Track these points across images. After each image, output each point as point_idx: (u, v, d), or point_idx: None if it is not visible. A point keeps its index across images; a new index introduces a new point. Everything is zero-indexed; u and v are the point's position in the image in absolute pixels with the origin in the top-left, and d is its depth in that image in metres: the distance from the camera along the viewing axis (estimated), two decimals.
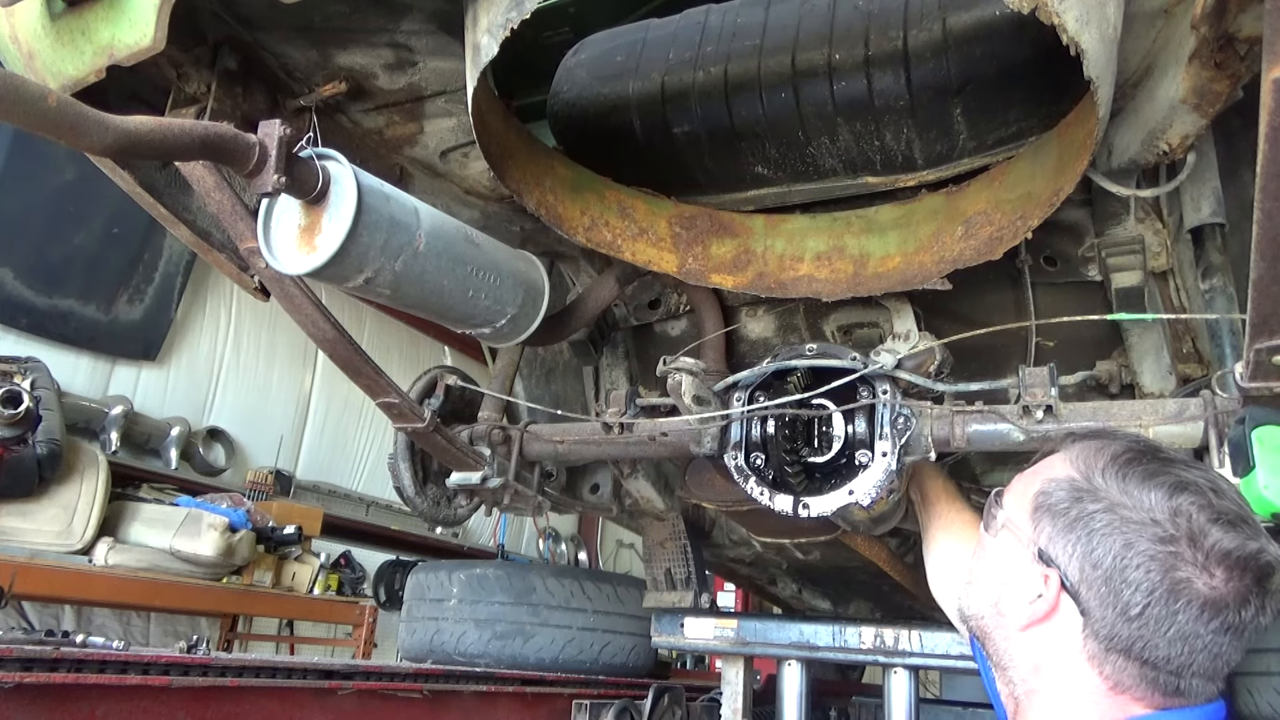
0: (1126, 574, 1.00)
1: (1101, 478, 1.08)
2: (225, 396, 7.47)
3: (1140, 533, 1.02)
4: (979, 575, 1.22)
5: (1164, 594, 0.99)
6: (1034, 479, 1.17)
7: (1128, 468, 1.08)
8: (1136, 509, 1.04)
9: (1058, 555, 1.06)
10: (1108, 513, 1.05)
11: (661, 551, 3.35)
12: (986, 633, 1.18)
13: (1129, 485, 1.06)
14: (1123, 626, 1.01)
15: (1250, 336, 1.31)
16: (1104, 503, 1.06)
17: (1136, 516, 1.03)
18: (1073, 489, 1.09)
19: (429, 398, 2.62)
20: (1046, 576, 1.06)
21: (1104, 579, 1.02)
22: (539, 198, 2.19)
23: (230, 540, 5.21)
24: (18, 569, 4.02)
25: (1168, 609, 0.99)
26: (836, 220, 2.36)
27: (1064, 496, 1.09)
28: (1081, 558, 1.04)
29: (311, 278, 1.69)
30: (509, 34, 1.55)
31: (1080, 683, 1.05)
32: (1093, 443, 1.14)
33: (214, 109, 1.83)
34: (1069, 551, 1.05)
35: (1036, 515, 1.11)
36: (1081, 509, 1.07)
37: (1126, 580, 1.00)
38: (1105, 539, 1.03)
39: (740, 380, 2.21)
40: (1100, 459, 1.10)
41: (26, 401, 4.57)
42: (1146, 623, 1.00)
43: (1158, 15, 1.67)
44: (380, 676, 2.95)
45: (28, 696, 2.06)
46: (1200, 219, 1.97)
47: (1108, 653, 1.02)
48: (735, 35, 2.26)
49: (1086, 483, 1.09)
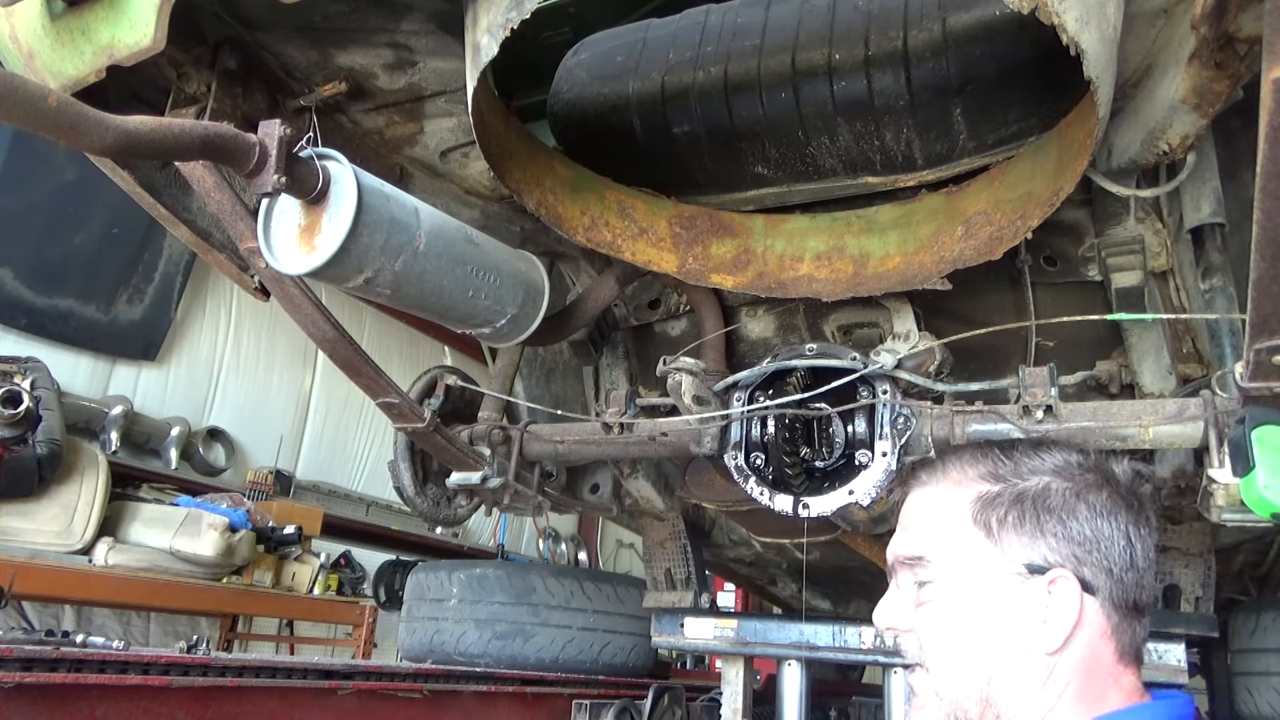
0: (1101, 529, 0.97)
1: (1009, 474, 1.03)
2: (225, 396, 7.46)
3: (1081, 486, 1.00)
4: (955, 649, 1.00)
5: (1131, 527, 0.99)
6: (938, 521, 1.04)
7: (1006, 452, 1.05)
8: (1053, 471, 1.01)
9: (1046, 556, 0.97)
10: (1048, 490, 1.00)
11: (661, 551, 3.35)
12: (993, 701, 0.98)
13: (1026, 462, 1.03)
14: (1127, 581, 0.98)
15: (1250, 336, 1.31)
16: (1035, 483, 1.01)
17: (1063, 477, 1.01)
18: (1004, 490, 1.01)
19: (429, 398, 2.62)
20: (1055, 580, 0.96)
21: (1092, 546, 0.97)
22: (539, 198, 2.19)
23: (230, 540, 5.20)
24: (18, 569, 4.01)
25: (1141, 541, 0.99)
26: (836, 220, 2.36)
27: (1004, 501, 1.00)
28: (1065, 542, 0.97)
29: (311, 278, 1.69)
30: (509, 34, 1.55)
31: (1104, 670, 0.97)
32: (952, 461, 1.08)
33: (214, 109, 1.83)
34: (1052, 545, 0.97)
35: (996, 535, 0.99)
36: (1030, 500, 0.99)
37: (1100, 533, 0.97)
38: (1069, 511, 0.98)
39: (740, 380, 2.21)
40: (980, 462, 1.05)
41: (26, 401, 4.57)
42: (1137, 564, 0.98)
43: (1158, 15, 1.67)
44: (380, 676, 2.95)
45: (28, 696, 2.06)
46: (1200, 219, 1.97)
47: (1120, 619, 0.97)
48: (735, 35, 2.26)
49: (1004, 482, 1.02)
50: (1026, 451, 1.04)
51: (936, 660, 1.01)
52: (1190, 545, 2.59)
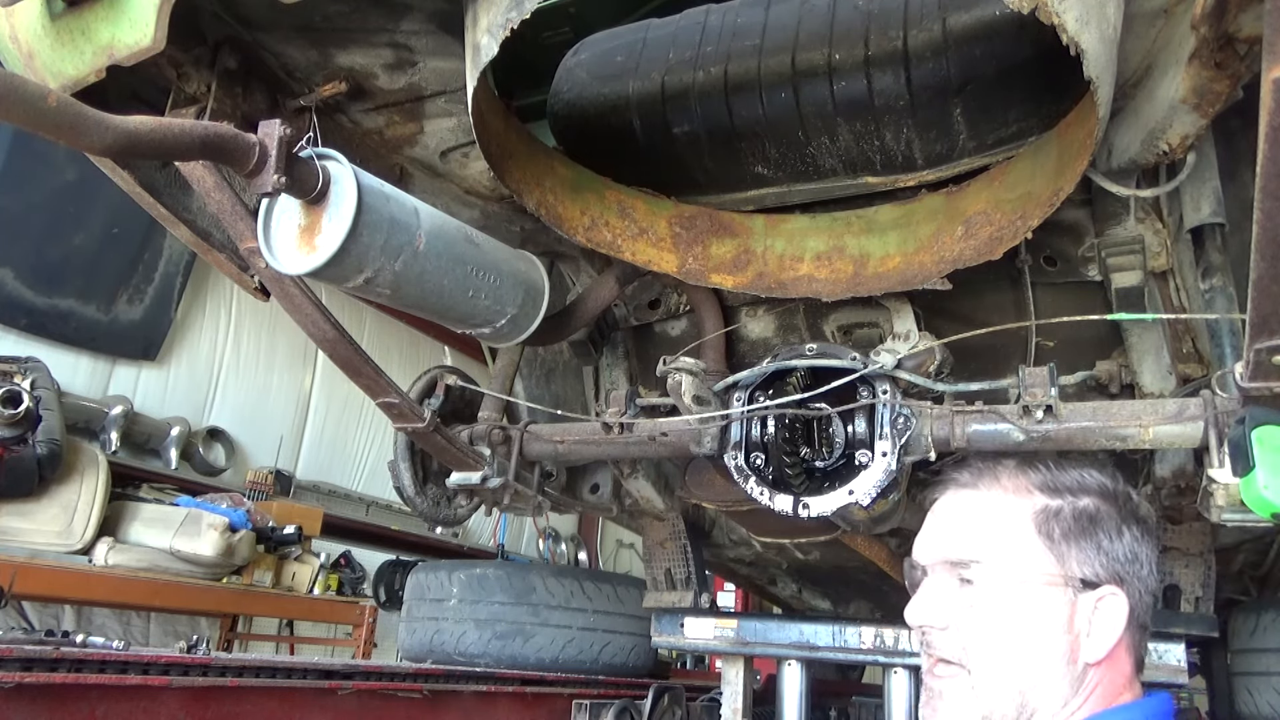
0: (1139, 553, 1.05)
1: (1066, 490, 1.08)
2: (225, 396, 7.47)
3: (1125, 512, 1.07)
4: (1002, 652, 1.03)
5: (1153, 553, 1.07)
6: (997, 526, 1.08)
7: (1057, 466, 1.11)
8: (1099, 493, 1.08)
9: (1098, 573, 1.03)
10: (1099, 510, 1.06)
11: (661, 551, 3.35)
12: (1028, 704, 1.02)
13: (1076, 478, 1.09)
14: (1147, 602, 1.06)
15: (1250, 336, 1.31)
16: (1088, 502, 1.07)
17: (1108, 500, 1.07)
18: (1065, 506, 1.07)
19: (429, 398, 2.62)
20: (1102, 598, 1.02)
21: (1132, 567, 1.04)
22: (539, 198, 2.19)
23: (230, 540, 5.21)
24: (18, 569, 4.01)
25: (1157, 566, 1.09)
26: (836, 220, 2.36)
27: (1066, 516, 1.06)
28: (1113, 561, 1.04)
29: (311, 278, 1.69)
30: (509, 34, 1.55)
31: (1124, 679, 1.05)
32: (1003, 469, 1.13)
33: (214, 109, 1.83)
34: (1103, 563, 1.04)
35: (1059, 547, 1.04)
36: (1087, 518, 1.06)
37: (1138, 556, 1.05)
38: (1111, 531, 1.05)
39: (740, 380, 2.21)
40: (1032, 473, 1.11)
41: (26, 401, 4.57)
42: (1153, 588, 1.06)
43: (1158, 15, 1.67)
44: (380, 676, 2.95)
45: (28, 696, 2.06)
46: (1200, 219, 1.97)
47: (1138, 634, 1.06)
48: (735, 35, 2.26)
49: (1062, 496, 1.08)
50: (1068, 467, 1.11)
51: (980, 661, 1.03)
52: (1190, 545, 2.59)
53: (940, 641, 1.07)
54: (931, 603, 1.09)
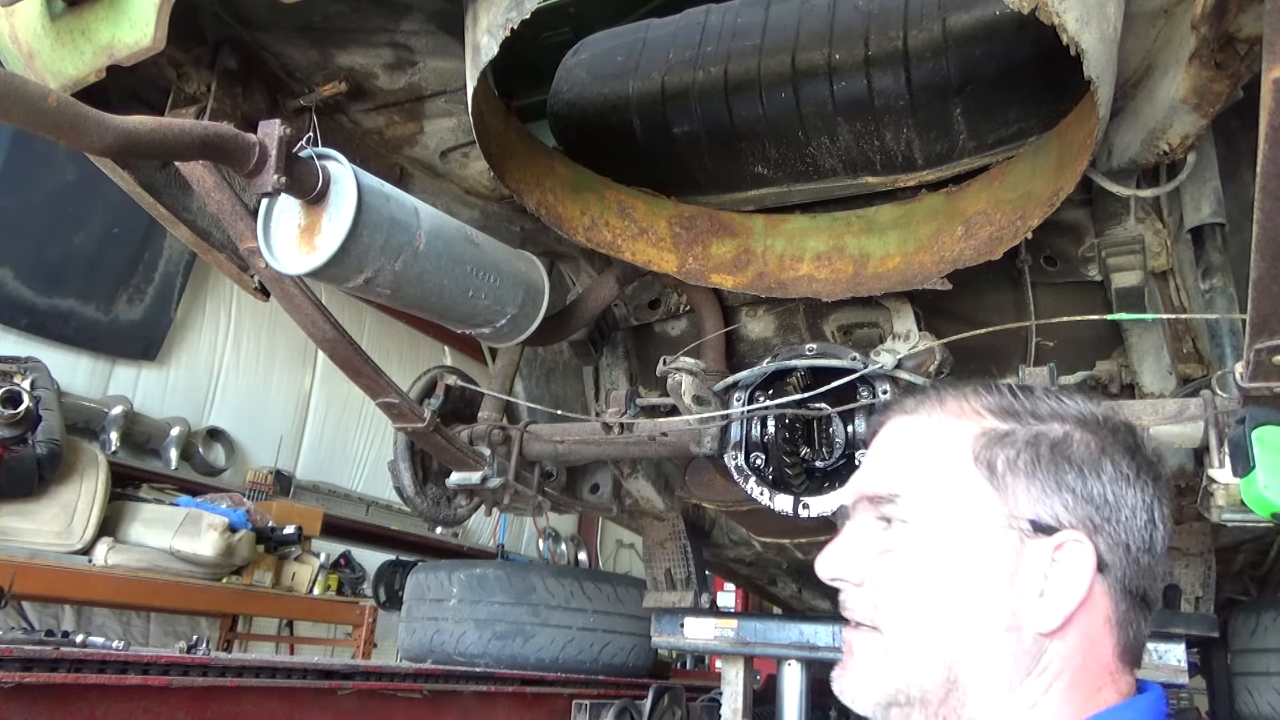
0: (1125, 496, 0.79)
1: (1026, 412, 0.83)
2: (225, 396, 7.46)
3: (1108, 443, 0.82)
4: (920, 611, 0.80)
5: (1157, 505, 0.81)
6: (925, 454, 0.84)
7: (1021, 389, 0.87)
8: (1076, 420, 0.83)
9: (1059, 515, 0.78)
10: (1069, 438, 0.81)
11: (661, 551, 3.35)
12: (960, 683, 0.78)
13: (1045, 402, 0.85)
14: (1143, 565, 0.80)
15: (1250, 336, 1.31)
16: (1056, 428, 0.82)
17: (1088, 428, 0.82)
18: (1017, 429, 0.82)
19: (429, 398, 2.62)
20: (1063, 544, 0.77)
21: (1113, 514, 0.78)
22: (539, 198, 2.19)
23: (230, 540, 5.20)
24: (18, 569, 4.01)
25: (1164, 524, 0.81)
26: (836, 220, 2.36)
27: (1016, 440, 0.81)
28: (1083, 502, 0.78)
29: (311, 278, 1.69)
30: (509, 34, 1.55)
31: (1101, 667, 0.78)
32: (951, 391, 0.89)
33: (214, 109, 1.83)
34: (1067, 503, 0.78)
35: (1001, 479, 0.80)
36: (1048, 445, 0.80)
37: (1124, 502, 0.79)
38: (1085, 465, 0.79)
39: (740, 380, 2.21)
40: (987, 395, 0.86)
41: (26, 401, 4.57)
42: (1155, 549, 0.80)
43: (1158, 15, 1.67)
44: (380, 676, 2.95)
45: (28, 696, 2.06)
46: (1200, 219, 1.97)
47: (1128, 608, 0.79)
48: (735, 35, 2.26)
49: (1018, 420, 0.83)
50: (1045, 392, 0.86)
51: (894, 621, 0.81)
52: (1190, 545, 2.59)
53: (854, 598, 0.86)
54: (845, 549, 0.87)
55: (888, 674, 0.80)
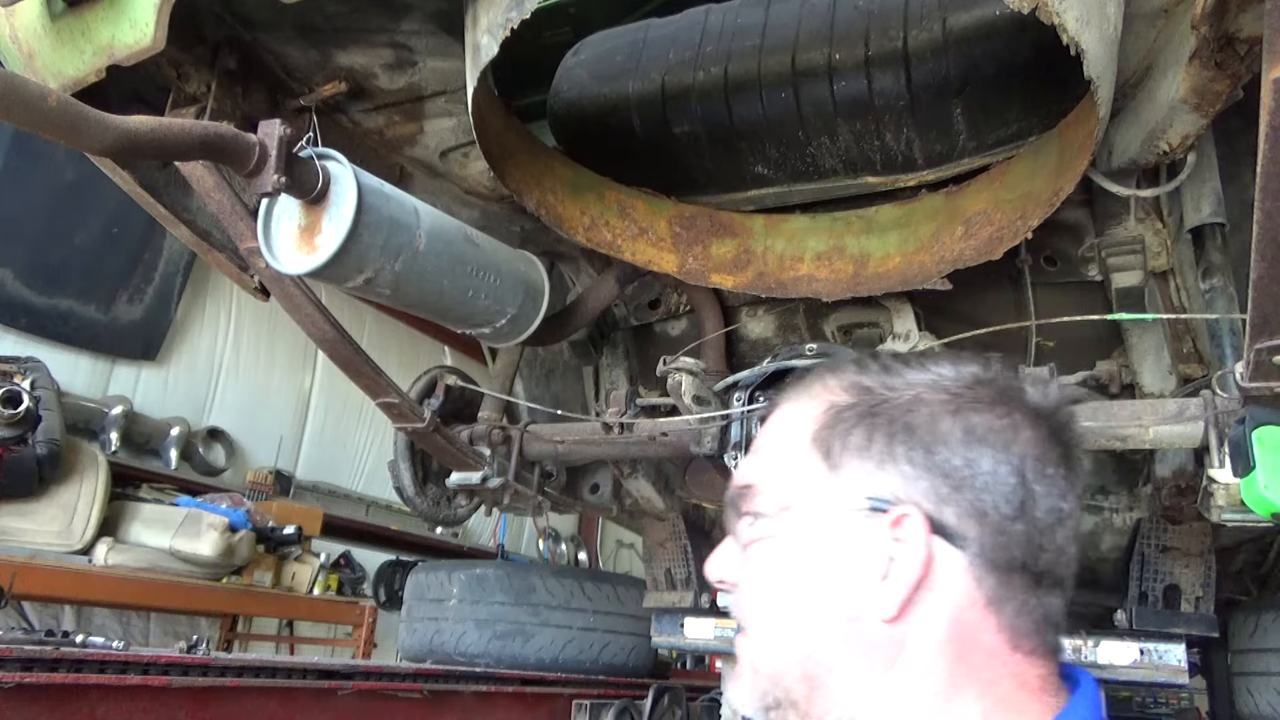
0: (979, 460, 0.70)
1: (877, 384, 0.76)
2: (225, 396, 7.46)
3: (963, 402, 0.73)
4: (773, 607, 0.76)
5: (1032, 463, 0.71)
6: (778, 442, 0.80)
7: (886, 359, 0.79)
8: (931, 384, 0.75)
9: (895, 490, 0.71)
10: (916, 403, 0.73)
11: (661, 551, 3.35)
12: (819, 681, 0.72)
13: (904, 372, 0.77)
14: (1014, 534, 0.70)
15: (1250, 336, 1.31)
16: (903, 395, 0.74)
17: (942, 390, 0.74)
18: (859, 403, 0.75)
19: (429, 398, 2.62)
20: (899, 520, 0.69)
21: (963, 482, 0.70)
22: (539, 198, 2.19)
23: (230, 540, 5.20)
24: (18, 569, 4.01)
25: (1048, 484, 0.72)
26: (836, 220, 2.36)
27: (852, 416, 0.74)
28: (925, 472, 0.70)
29: (311, 278, 1.69)
30: (509, 34, 1.55)
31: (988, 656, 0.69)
32: (825, 369, 0.82)
33: (214, 109, 1.84)
34: (907, 474, 0.71)
35: (836, 459, 0.74)
36: (886, 416, 0.73)
37: (980, 467, 0.70)
38: (935, 433, 0.71)
39: (740, 380, 2.21)
40: (848, 371, 0.79)
41: (26, 401, 4.57)
42: (1032, 514, 0.71)
43: (1158, 15, 1.67)
44: (380, 676, 2.95)
45: (28, 696, 2.06)
46: (1200, 219, 1.97)
47: (1003, 586, 0.70)
48: (735, 35, 2.26)
49: (864, 393, 0.76)
50: (913, 359, 0.79)
51: (753, 621, 0.77)
52: (1190, 545, 2.59)
53: (732, 601, 0.81)
54: (723, 550, 0.82)
55: (757, 677, 0.76)
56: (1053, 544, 0.71)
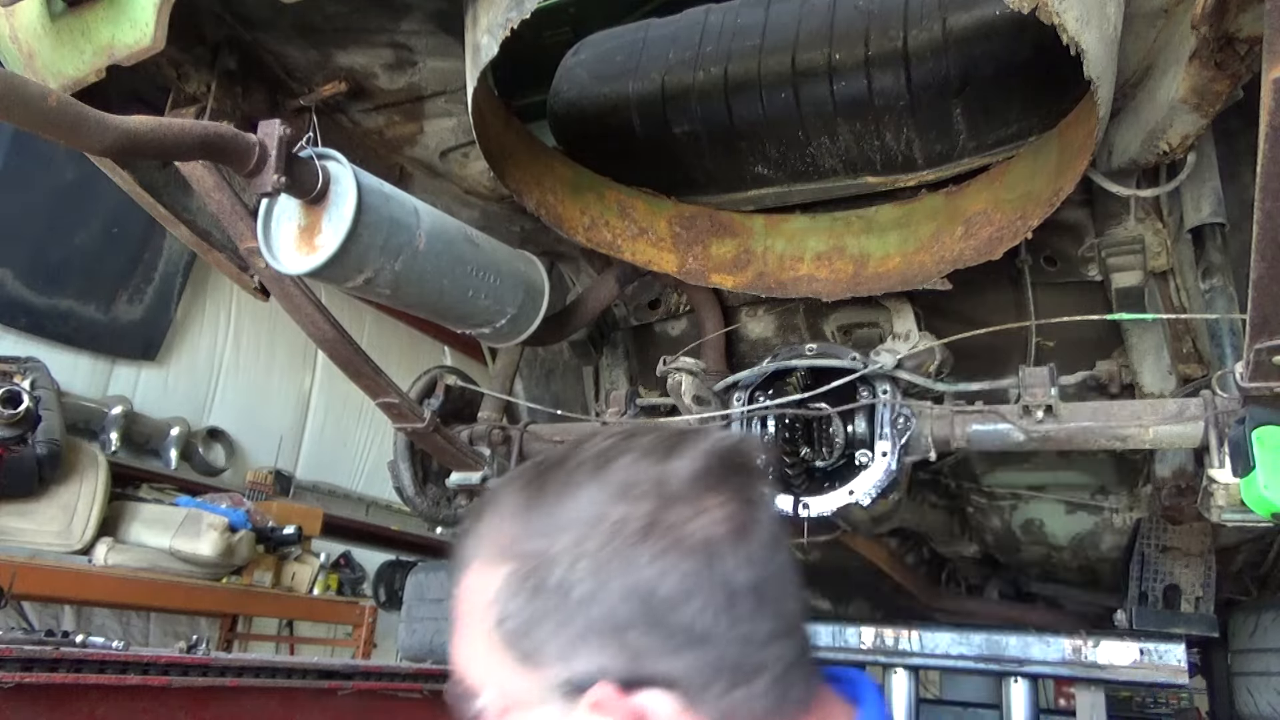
0: (655, 601, 0.67)
1: (537, 541, 0.70)
2: (225, 396, 7.47)
3: (620, 542, 0.67)
4: None
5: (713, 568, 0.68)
6: (467, 630, 0.75)
7: (538, 494, 0.74)
8: (588, 523, 0.69)
9: (586, 665, 0.67)
10: (576, 561, 0.68)
11: None
12: None
13: (556, 512, 0.71)
14: (721, 641, 0.68)
15: (1250, 336, 1.31)
16: (563, 551, 0.69)
17: (598, 530, 0.68)
18: (527, 570, 0.70)
19: (429, 398, 2.62)
20: (596, 702, 0.67)
21: (651, 627, 0.67)
22: (539, 198, 2.19)
23: (230, 540, 5.21)
24: (18, 569, 4.01)
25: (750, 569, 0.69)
26: (836, 220, 2.36)
27: (525, 590, 0.69)
28: (608, 636, 0.67)
29: (311, 278, 1.69)
30: (509, 34, 1.55)
31: None
32: (491, 512, 0.77)
33: (214, 109, 1.84)
34: (591, 645, 0.67)
35: (525, 652, 0.70)
36: (558, 586, 0.68)
37: (660, 602, 0.67)
38: (602, 587, 0.67)
39: (740, 380, 2.21)
40: (511, 519, 0.74)
41: (26, 401, 4.57)
42: (726, 622, 0.68)
43: (1158, 15, 1.67)
44: (380, 676, 2.96)
45: (28, 696, 2.06)
46: (1200, 219, 1.97)
47: (734, 681, 0.68)
48: (735, 35, 2.26)
49: (527, 560, 0.70)
50: (562, 488, 0.73)
51: None
52: (1190, 545, 2.60)
53: None
54: None
55: None
56: (764, 621, 0.70)
